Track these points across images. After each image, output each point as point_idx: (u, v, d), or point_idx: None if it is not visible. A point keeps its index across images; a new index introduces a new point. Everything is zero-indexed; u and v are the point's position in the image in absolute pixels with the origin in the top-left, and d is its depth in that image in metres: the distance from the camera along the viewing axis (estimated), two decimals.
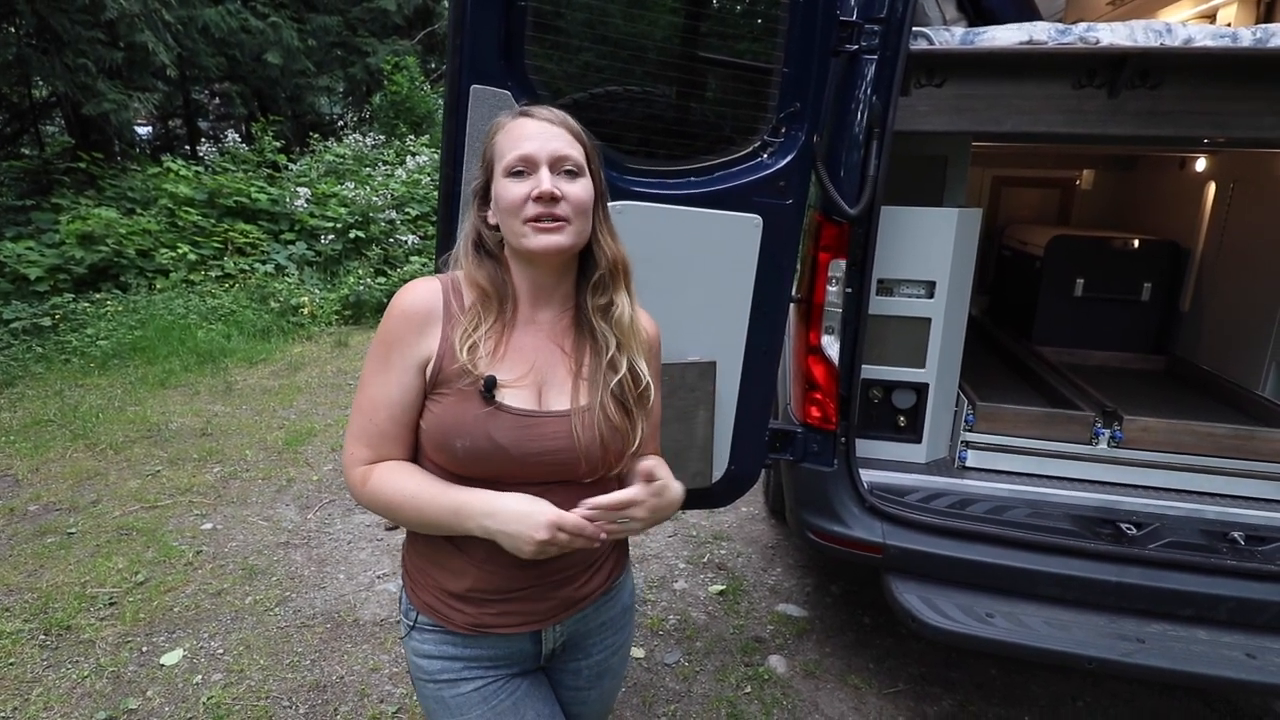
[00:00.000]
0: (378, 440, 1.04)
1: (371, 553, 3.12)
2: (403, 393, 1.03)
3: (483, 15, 1.49)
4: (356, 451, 1.05)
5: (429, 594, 1.10)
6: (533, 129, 1.02)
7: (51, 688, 2.30)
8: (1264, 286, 2.75)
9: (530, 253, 1.02)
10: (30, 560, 2.99)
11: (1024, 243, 3.69)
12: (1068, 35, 1.88)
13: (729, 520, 3.48)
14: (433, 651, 1.11)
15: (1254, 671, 1.74)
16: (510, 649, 1.11)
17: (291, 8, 11.12)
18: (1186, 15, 3.37)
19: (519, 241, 1.01)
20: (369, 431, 1.04)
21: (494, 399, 1.00)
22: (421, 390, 1.03)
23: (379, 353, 1.04)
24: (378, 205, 7.93)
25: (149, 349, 5.53)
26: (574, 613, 1.13)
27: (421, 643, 1.12)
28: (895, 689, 2.39)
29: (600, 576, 1.16)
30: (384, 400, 1.03)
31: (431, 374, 1.02)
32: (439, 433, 1.01)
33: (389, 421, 1.04)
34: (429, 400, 1.03)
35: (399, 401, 1.03)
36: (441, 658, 1.10)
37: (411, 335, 1.02)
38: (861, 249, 1.94)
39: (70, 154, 8.35)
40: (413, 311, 1.03)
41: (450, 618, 1.08)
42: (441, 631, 1.10)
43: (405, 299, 1.04)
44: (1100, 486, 2.27)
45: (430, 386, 1.03)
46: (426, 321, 1.03)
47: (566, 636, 1.16)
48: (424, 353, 1.02)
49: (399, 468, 1.05)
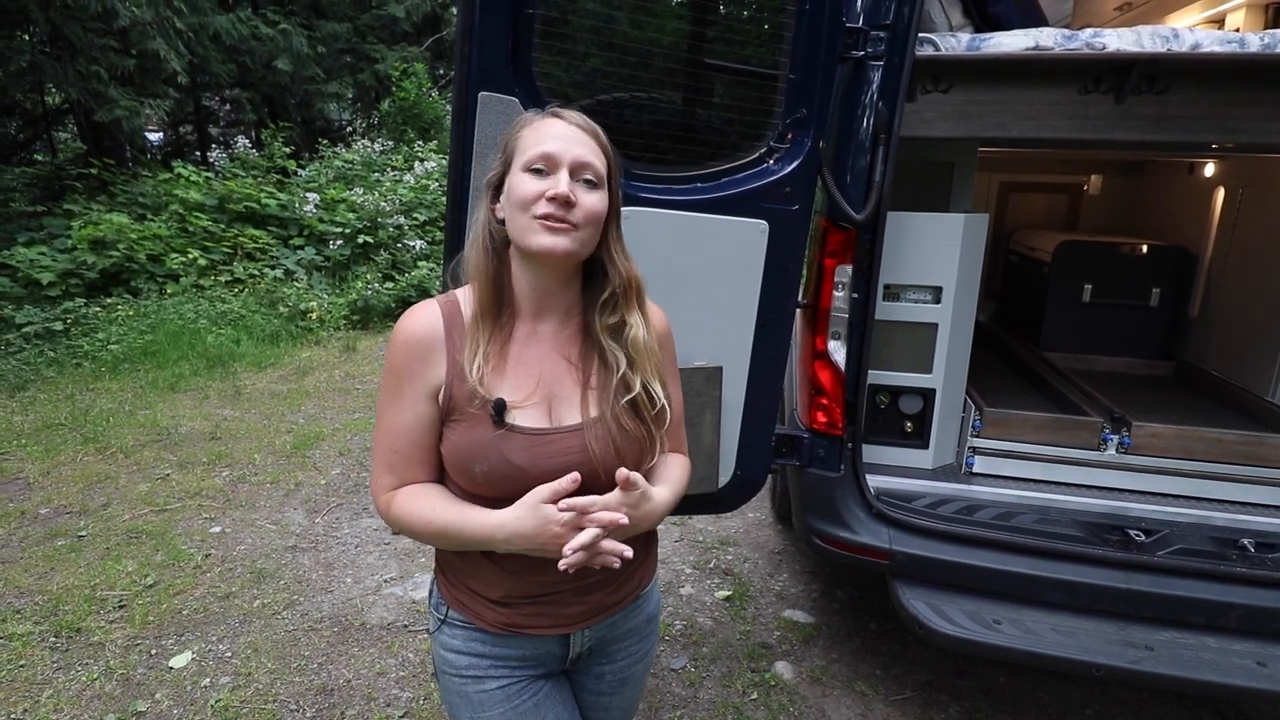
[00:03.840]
0: (400, 466, 1.06)
1: (379, 557, 3.13)
2: (418, 419, 1.04)
3: (491, 22, 1.50)
4: (381, 479, 1.07)
5: (462, 591, 1.10)
6: (561, 130, 1.00)
7: (61, 690, 2.32)
8: (1273, 292, 2.73)
9: (532, 251, 0.99)
10: (41, 563, 3.02)
11: (1031, 248, 3.68)
12: (1074, 41, 1.88)
13: (735, 525, 3.47)
14: (461, 647, 1.12)
15: (1264, 680, 1.72)
16: (537, 650, 1.12)
17: (301, 15, 11.21)
18: (1195, 20, 3.36)
19: (523, 237, 0.99)
20: (390, 460, 1.06)
21: (505, 422, 1.00)
22: (436, 417, 1.04)
23: (389, 384, 1.05)
24: (386, 211, 7.97)
25: (159, 353, 5.57)
26: (603, 618, 1.14)
27: (451, 637, 1.13)
28: (902, 696, 2.38)
29: (631, 584, 1.16)
30: (401, 429, 1.04)
31: (444, 400, 1.02)
32: (457, 458, 1.02)
33: (409, 448, 1.05)
34: (445, 427, 1.04)
35: (415, 428, 1.04)
36: (469, 654, 1.11)
37: (417, 364, 1.03)
38: (868, 254, 1.94)
39: (82, 160, 8.43)
40: (415, 341, 1.03)
41: (482, 615, 1.09)
42: (472, 628, 1.11)
43: (406, 328, 1.04)
44: (1108, 493, 2.26)
45: (444, 413, 1.03)
46: (430, 349, 1.03)
47: (593, 642, 1.16)
48: (434, 381, 1.03)
49: (420, 492, 1.05)
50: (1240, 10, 3.07)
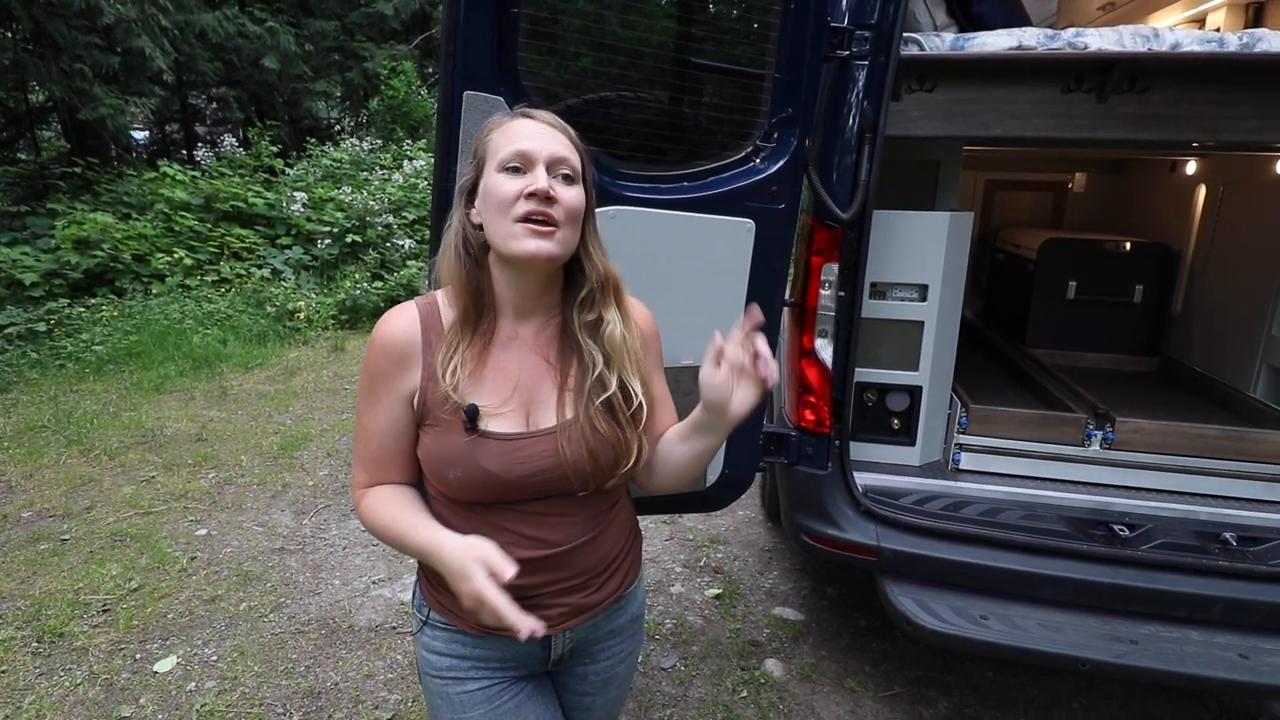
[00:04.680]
0: (373, 466, 1.08)
1: (367, 558, 3.11)
2: (391, 423, 1.04)
3: (476, 21, 1.49)
4: (357, 476, 1.10)
5: (443, 593, 1.10)
6: (532, 129, 1.00)
7: (44, 695, 2.29)
8: (1254, 288, 2.77)
9: (516, 257, 0.97)
10: (23, 567, 2.98)
11: (1017, 245, 3.71)
12: (1057, 41, 1.89)
13: (725, 523, 3.48)
14: (443, 649, 1.12)
15: (1247, 672, 1.74)
16: (519, 651, 1.11)
17: (289, 13, 11.14)
18: (1176, 20, 3.40)
19: (506, 244, 0.97)
20: (364, 458, 1.08)
21: (477, 428, 0.99)
22: (411, 421, 1.04)
23: (366, 385, 1.05)
24: (374, 210, 7.93)
25: (144, 354, 5.52)
26: (585, 619, 1.13)
27: (432, 639, 1.13)
28: (892, 692, 2.39)
29: (613, 584, 1.15)
30: (375, 430, 1.05)
31: (419, 405, 1.03)
32: (432, 463, 1.03)
33: (381, 450, 1.06)
34: (421, 430, 1.04)
35: (389, 431, 1.05)
36: (451, 655, 1.11)
37: (393, 369, 1.03)
38: (854, 253, 1.95)
39: (66, 159, 8.35)
40: (391, 345, 1.03)
41: (462, 617, 1.08)
42: (453, 630, 1.11)
43: (383, 332, 1.04)
44: (1093, 488, 2.28)
45: (419, 418, 1.03)
46: (406, 354, 1.02)
47: (575, 643, 1.16)
48: (408, 386, 1.03)
49: (387, 496, 1.07)
50: (1221, 10, 3.10)
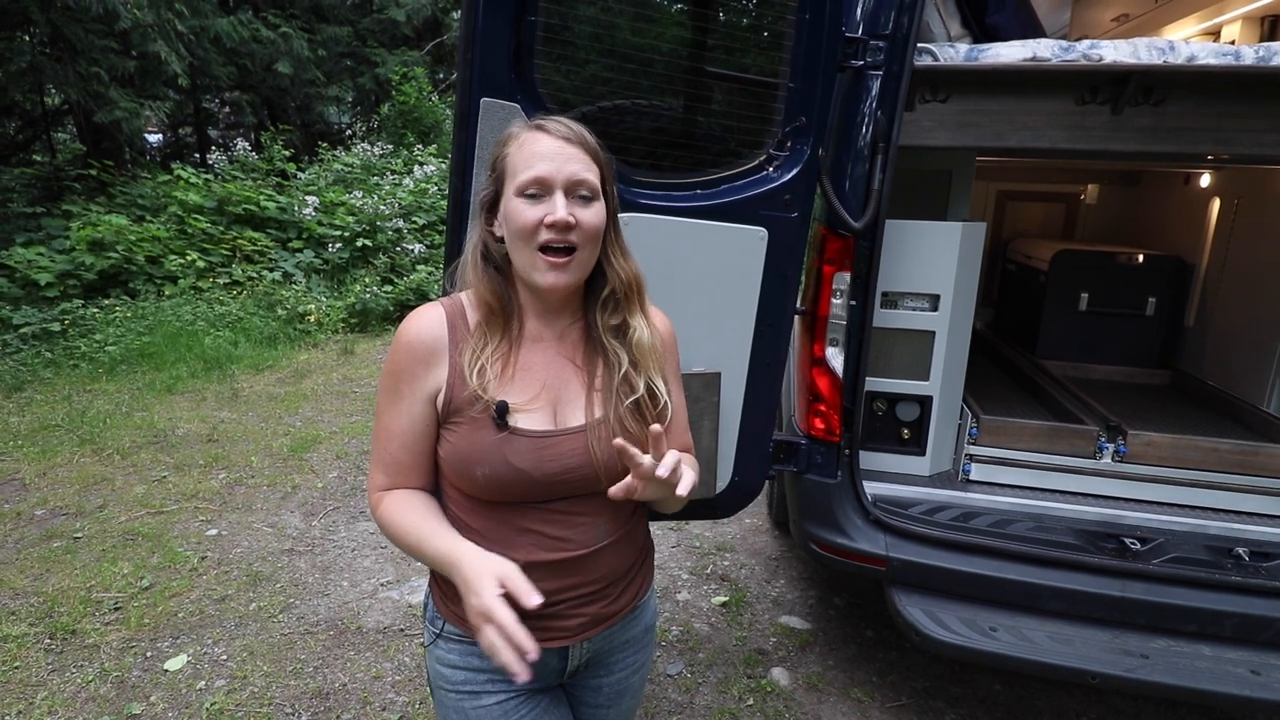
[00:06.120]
0: (393, 469, 1.06)
1: (375, 560, 3.12)
2: (413, 423, 1.04)
3: (493, 29, 1.51)
4: (375, 477, 1.08)
5: (458, 605, 1.08)
6: (548, 147, 0.99)
7: (56, 692, 2.31)
8: (1269, 302, 2.75)
9: (536, 287, 1.02)
10: (36, 564, 3.01)
11: (1029, 257, 3.70)
12: (1071, 52, 1.90)
13: (732, 531, 3.47)
14: (458, 662, 1.10)
15: (1258, 688, 1.73)
16: (536, 664, 1.11)
17: (302, 18, 11.25)
18: (1191, 32, 3.39)
19: (528, 273, 1.01)
20: (384, 460, 1.06)
21: (507, 425, 1.00)
22: (433, 421, 1.04)
23: (388, 384, 1.05)
24: (385, 214, 7.99)
25: (157, 355, 5.56)
26: (602, 629, 1.12)
27: (447, 652, 1.11)
28: (898, 703, 2.38)
29: (629, 594, 1.15)
30: (396, 430, 1.05)
31: (444, 404, 1.02)
32: (458, 461, 1.02)
33: (402, 451, 1.05)
34: (444, 429, 1.04)
35: (410, 431, 1.04)
36: (466, 669, 1.10)
37: (419, 367, 1.03)
38: (866, 262, 1.95)
39: (81, 161, 8.44)
40: (418, 343, 1.03)
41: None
42: (468, 643, 1.08)
43: (410, 330, 1.04)
44: (1104, 501, 2.27)
45: (444, 416, 1.03)
46: (432, 352, 1.03)
47: (591, 654, 1.15)
48: (433, 384, 1.03)
49: (406, 500, 1.06)
50: (1236, 23, 3.10)
